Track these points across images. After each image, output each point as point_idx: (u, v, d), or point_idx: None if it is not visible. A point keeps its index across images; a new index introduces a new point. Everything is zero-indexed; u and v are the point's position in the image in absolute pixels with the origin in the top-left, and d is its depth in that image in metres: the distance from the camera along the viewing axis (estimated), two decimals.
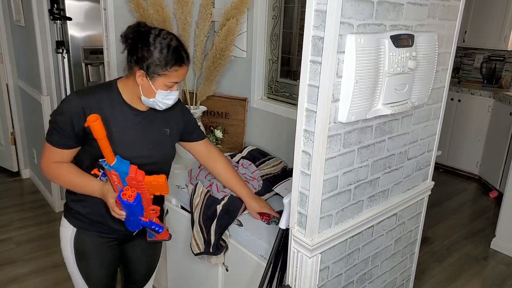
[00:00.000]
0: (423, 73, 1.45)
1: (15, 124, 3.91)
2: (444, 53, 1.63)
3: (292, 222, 1.39)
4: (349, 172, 1.39)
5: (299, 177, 1.32)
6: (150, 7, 2.08)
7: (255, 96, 2.39)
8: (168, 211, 2.10)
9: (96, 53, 3.14)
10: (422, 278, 2.75)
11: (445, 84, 1.71)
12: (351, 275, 1.60)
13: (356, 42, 1.17)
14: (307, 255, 1.36)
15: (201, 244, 1.77)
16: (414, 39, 1.35)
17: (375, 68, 1.24)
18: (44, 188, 3.67)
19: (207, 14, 2.21)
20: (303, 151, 1.28)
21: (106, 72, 2.32)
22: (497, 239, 3.16)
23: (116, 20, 2.18)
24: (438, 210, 3.79)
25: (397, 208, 1.69)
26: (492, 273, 2.87)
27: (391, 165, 1.58)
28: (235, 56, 2.40)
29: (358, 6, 1.18)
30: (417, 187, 1.79)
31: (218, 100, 2.48)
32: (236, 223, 1.73)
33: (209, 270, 1.93)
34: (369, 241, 1.62)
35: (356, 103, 1.24)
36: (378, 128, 1.43)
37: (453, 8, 1.56)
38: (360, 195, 1.48)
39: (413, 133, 1.63)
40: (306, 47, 1.19)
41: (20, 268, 2.67)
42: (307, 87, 1.22)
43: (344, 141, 1.31)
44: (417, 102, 1.50)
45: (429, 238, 3.27)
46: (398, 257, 1.86)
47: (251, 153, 2.20)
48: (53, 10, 2.97)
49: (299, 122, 1.27)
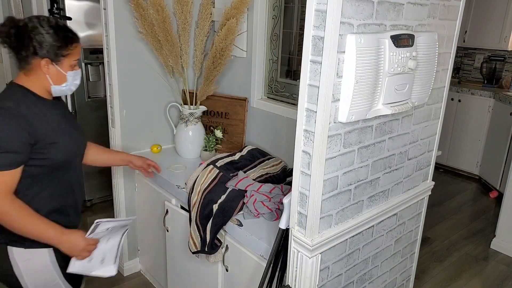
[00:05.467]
0: (423, 73, 1.45)
1: None
2: (444, 53, 1.62)
3: (292, 222, 1.38)
4: (349, 172, 1.38)
5: (299, 177, 1.32)
6: (150, 7, 2.08)
7: (255, 96, 2.39)
8: (168, 211, 2.10)
9: (96, 53, 3.14)
10: (422, 278, 2.75)
11: (445, 84, 1.71)
12: (351, 275, 1.60)
13: (356, 42, 1.17)
14: (307, 255, 1.35)
15: (198, 243, 1.78)
16: (414, 39, 1.35)
17: (375, 68, 1.24)
18: None
19: (207, 14, 2.21)
20: (303, 151, 1.28)
21: (106, 72, 2.32)
22: (497, 239, 3.15)
23: (116, 20, 2.18)
24: (438, 210, 3.78)
25: (397, 208, 1.69)
26: (492, 273, 2.87)
27: (391, 165, 1.57)
28: (235, 56, 2.40)
29: (358, 6, 1.17)
30: (417, 187, 1.79)
31: (218, 100, 2.47)
32: (236, 223, 1.73)
33: (208, 270, 1.93)
34: (369, 241, 1.61)
35: (356, 103, 1.24)
36: (378, 128, 1.43)
37: (453, 8, 1.56)
38: (360, 195, 1.48)
39: (413, 133, 1.63)
40: (306, 47, 1.19)
41: None
42: (307, 87, 1.22)
43: (344, 141, 1.31)
44: (417, 102, 1.50)
45: (429, 238, 3.27)
46: (398, 257, 1.86)
47: (251, 152, 2.20)
48: (53, 10, 2.97)
49: (299, 122, 1.27)
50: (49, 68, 1.36)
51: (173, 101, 2.48)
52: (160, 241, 2.30)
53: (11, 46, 1.34)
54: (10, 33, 1.32)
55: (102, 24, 2.24)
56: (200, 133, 2.40)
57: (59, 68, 1.37)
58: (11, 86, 1.40)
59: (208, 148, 2.37)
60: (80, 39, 1.45)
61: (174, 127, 2.49)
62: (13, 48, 1.34)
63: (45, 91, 1.41)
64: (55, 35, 1.34)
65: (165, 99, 2.47)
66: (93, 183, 3.44)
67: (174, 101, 2.48)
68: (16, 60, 1.37)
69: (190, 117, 2.36)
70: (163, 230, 2.21)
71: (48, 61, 1.34)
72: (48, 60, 1.34)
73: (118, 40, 2.21)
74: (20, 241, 1.38)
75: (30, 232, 1.35)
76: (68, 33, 1.38)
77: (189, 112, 2.35)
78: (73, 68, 1.42)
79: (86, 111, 3.25)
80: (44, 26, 1.32)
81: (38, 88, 1.40)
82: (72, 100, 3.16)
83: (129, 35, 2.23)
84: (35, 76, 1.37)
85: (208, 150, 2.37)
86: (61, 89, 1.42)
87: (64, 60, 1.37)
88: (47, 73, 1.36)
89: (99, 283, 2.54)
